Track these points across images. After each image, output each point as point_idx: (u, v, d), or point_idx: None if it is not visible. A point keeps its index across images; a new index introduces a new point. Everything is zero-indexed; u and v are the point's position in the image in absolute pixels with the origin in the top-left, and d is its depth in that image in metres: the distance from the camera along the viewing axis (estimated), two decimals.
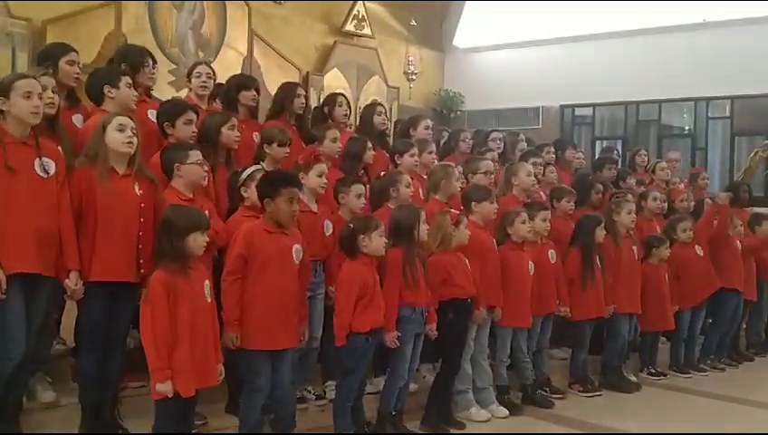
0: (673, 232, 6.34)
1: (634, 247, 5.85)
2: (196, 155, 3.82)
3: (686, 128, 11.77)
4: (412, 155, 5.26)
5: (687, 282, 6.34)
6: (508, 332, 5.07)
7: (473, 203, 4.85)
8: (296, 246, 3.74)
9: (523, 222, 5.02)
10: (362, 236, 3.94)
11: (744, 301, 6.77)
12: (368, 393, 4.33)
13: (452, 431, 4.52)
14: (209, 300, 3.36)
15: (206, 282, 3.38)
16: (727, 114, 11.22)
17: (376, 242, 3.97)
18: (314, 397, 4.43)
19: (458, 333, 4.56)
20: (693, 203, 6.98)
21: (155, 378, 3.16)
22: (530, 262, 5.09)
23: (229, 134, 4.38)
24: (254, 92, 5.04)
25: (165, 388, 3.14)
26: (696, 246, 6.37)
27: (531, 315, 5.13)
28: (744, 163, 10.11)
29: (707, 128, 11.42)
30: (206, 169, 3.93)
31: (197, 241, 3.30)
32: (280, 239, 3.67)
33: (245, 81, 5.21)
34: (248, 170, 4.12)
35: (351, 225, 4.00)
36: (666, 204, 6.49)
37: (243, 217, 3.91)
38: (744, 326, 7.31)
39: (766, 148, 9.72)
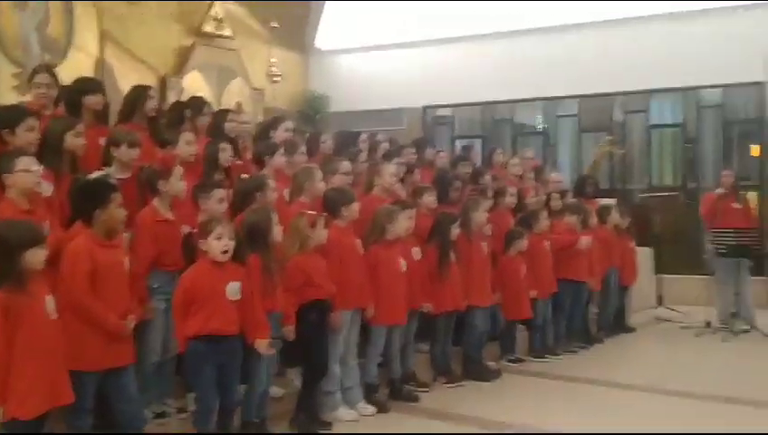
0: (536, 222, 6.66)
1: (483, 243, 6.09)
2: (23, 162, 3.60)
3: (539, 126, 12.42)
4: (281, 156, 5.24)
5: (543, 272, 6.68)
6: (383, 330, 5.14)
7: (342, 207, 4.86)
8: (126, 259, 3.66)
9: (401, 221, 5.12)
10: (201, 241, 3.84)
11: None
12: None
13: (320, 432, 4.52)
14: (54, 316, 3.18)
15: (49, 297, 3.18)
16: (575, 112, 11.93)
17: (212, 245, 3.81)
18: (175, 410, 4.30)
19: (321, 333, 4.56)
20: (544, 197, 7.38)
21: None
22: (401, 259, 5.19)
23: (74, 141, 4.19)
24: (100, 96, 4.82)
25: None
26: (546, 242, 6.75)
27: (406, 312, 5.22)
28: (590, 157, 10.83)
29: (557, 125, 12.10)
30: (41, 173, 3.70)
31: (36, 256, 3.11)
32: (111, 253, 3.55)
33: (88, 84, 4.98)
34: (92, 177, 3.95)
35: (191, 231, 3.89)
36: (516, 199, 6.83)
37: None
38: (596, 311, 7.81)
39: (609, 143, 10.53)
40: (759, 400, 5.29)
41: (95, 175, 3.96)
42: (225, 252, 3.82)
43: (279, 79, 12.33)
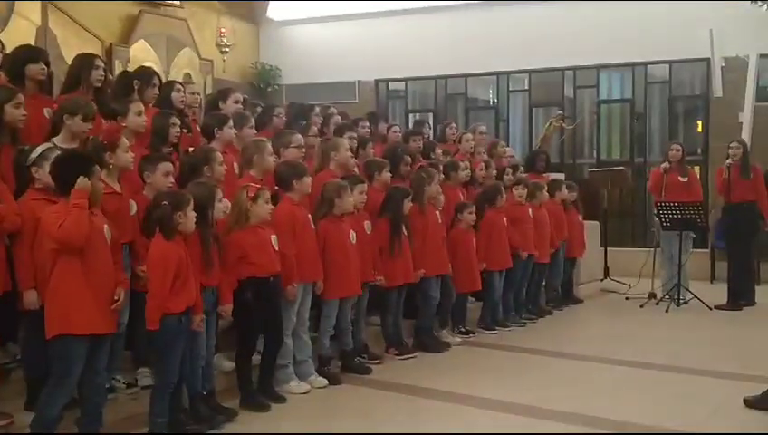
0: (500, 197, 6.74)
1: (437, 212, 6.15)
2: None
3: (491, 101, 12.49)
4: (230, 128, 5.15)
5: (500, 246, 6.76)
6: (335, 303, 5.15)
7: (294, 181, 4.82)
8: (106, 226, 3.61)
9: (350, 196, 5.11)
10: (179, 213, 3.79)
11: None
12: None
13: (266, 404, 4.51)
14: None
15: None
16: (526, 87, 12.04)
17: (191, 218, 3.84)
18: (125, 386, 4.26)
19: (257, 312, 4.47)
20: (494, 172, 7.45)
21: None
22: (351, 232, 5.19)
23: (13, 112, 4.05)
24: (43, 65, 4.65)
25: None
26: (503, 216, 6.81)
27: (359, 284, 5.24)
28: (540, 132, 10.96)
29: (509, 100, 12.19)
30: None
31: None
32: (92, 220, 3.49)
33: (32, 53, 4.79)
34: (39, 149, 3.85)
35: (166, 202, 3.82)
36: (469, 172, 6.88)
37: (33, 201, 3.64)
38: (544, 283, 7.96)
39: (560, 117, 10.64)
40: (699, 368, 5.49)
41: (42, 148, 3.85)
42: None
43: (229, 49, 12.11)
